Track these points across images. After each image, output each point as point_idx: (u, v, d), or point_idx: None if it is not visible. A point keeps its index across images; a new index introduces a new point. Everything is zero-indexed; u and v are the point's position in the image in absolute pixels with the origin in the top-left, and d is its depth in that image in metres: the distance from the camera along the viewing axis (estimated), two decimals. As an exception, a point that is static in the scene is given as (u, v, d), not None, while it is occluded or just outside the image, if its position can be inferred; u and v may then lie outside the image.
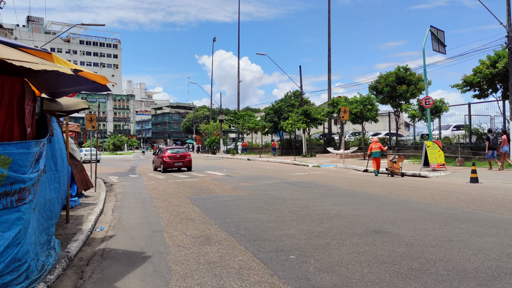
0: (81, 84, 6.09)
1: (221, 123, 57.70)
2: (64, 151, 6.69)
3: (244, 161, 36.32)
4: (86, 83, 5.85)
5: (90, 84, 5.90)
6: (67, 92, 6.67)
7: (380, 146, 19.91)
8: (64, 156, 6.69)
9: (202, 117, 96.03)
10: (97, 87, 5.97)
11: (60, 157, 6.50)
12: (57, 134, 6.51)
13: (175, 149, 26.65)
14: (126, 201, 12.60)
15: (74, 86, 6.28)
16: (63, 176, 6.62)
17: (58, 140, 6.50)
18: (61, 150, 6.57)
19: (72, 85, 6.24)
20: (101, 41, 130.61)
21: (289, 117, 37.30)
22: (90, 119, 17.47)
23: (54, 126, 6.42)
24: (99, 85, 5.78)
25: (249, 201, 11.43)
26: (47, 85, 6.33)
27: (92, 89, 6.15)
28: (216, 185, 16.19)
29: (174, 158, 24.92)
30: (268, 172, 22.43)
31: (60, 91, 6.53)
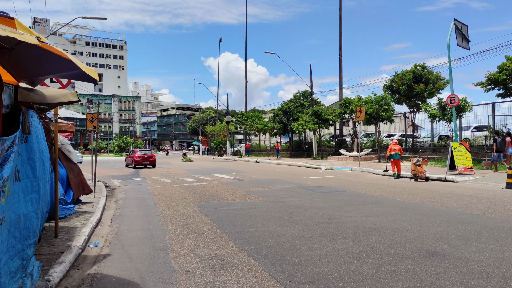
0: (66, 69, 4.81)
1: (228, 125, 56.41)
2: (46, 154, 5.39)
3: (252, 164, 35.00)
4: (71, 67, 4.57)
5: (76, 70, 4.61)
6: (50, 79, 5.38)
7: (400, 148, 18.59)
8: (46, 159, 5.40)
9: (208, 118, 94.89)
10: (84, 75, 4.69)
11: (40, 161, 5.21)
12: (37, 133, 5.22)
13: (143, 151, 34.88)
14: (128, 208, 11.31)
15: (59, 71, 5.00)
16: (44, 184, 5.33)
17: (38, 140, 5.21)
18: (41, 152, 5.29)
19: (56, 70, 4.96)
20: (107, 43, 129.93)
21: (299, 118, 35.95)
22: (91, 118, 16.27)
23: (33, 122, 5.14)
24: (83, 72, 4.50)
25: (265, 210, 10.10)
26: (25, 70, 5.05)
27: (79, 76, 4.86)
28: (226, 190, 14.87)
29: (142, 157, 32.25)
30: (280, 175, 21.09)
31: (42, 78, 5.24)
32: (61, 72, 4.88)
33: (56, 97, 5.59)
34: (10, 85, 4.72)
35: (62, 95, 5.75)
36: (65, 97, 5.78)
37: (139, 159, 31.95)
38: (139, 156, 32.12)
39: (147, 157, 32.30)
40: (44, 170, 5.36)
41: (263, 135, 42.75)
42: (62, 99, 5.72)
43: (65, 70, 4.82)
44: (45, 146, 5.41)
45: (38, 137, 5.24)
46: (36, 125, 5.24)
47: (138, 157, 32.04)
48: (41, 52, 3.97)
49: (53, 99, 5.50)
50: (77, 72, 4.59)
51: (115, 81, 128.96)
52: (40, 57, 4.56)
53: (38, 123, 5.38)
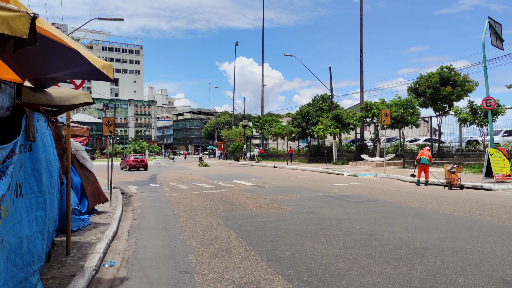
0: (77, 65, 4.04)
1: (245, 129, 55.66)
2: (54, 164, 4.62)
3: (270, 169, 34.11)
4: (82, 62, 3.79)
5: (87, 65, 3.82)
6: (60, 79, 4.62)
7: (430, 155, 17.58)
8: (55, 170, 4.63)
9: (224, 123, 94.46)
10: (98, 72, 3.91)
11: (47, 172, 4.44)
12: (44, 139, 4.46)
13: (136, 156, 39.34)
14: (145, 219, 10.53)
15: (68, 68, 4.22)
16: (51, 199, 4.56)
17: (45, 148, 4.44)
18: (49, 161, 4.52)
19: (65, 66, 4.19)
20: (123, 47, 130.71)
21: (319, 122, 34.97)
22: (107, 123, 15.65)
23: (39, 127, 4.38)
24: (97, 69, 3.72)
25: (295, 223, 9.21)
26: (29, 67, 4.29)
27: (93, 74, 4.07)
28: (248, 198, 14.02)
29: (136, 161, 37.14)
30: (302, 182, 20.17)
31: (51, 77, 4.48)
32: (71, 69, 4.10)
33: (66, 98, 4.83)
34: (11, 83, 3.96)
35: (74, 96, 4.98)
36: (77, 98, 5.01)
37: (133, 163, 36.81)
38: (133, 160, 37.10)
39: (140, 161, 37.37)
40: (52, 183, 4.59)
41: (281, 140, 41.84)
42: (74, 101, 4.95)
43: (76, 66, 4.04)
44: (53, 155, 4.64)
45: (45, 144, 4.47)
46: (43, 131, 4.47)
47: (132, 161, 37.00)
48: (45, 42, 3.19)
49: (63, 100, 4.74)
50: (89, 68, 3.80)
51: (131, 85, 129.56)
52: (45, 51, 3.79)
53: (45, 128, 4.61)
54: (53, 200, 4.69)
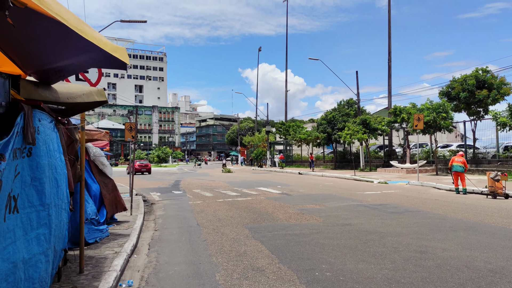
0: (82, 51, 3.31)
1: (268, 135, 54.86)
2: (61, 171, 3.91)
3: (295, 176, 33.15)
4: (89, 48, 3.05)
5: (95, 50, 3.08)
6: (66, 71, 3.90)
7: (464, 161, 16.43)
8: (62, 179, 3.92)
9: (247, 129, 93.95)
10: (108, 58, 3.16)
11: (51, 181, 3.73)
12: (48, 142, 3.76)
13: (141, 161, 45.23)
14: (168, 230, 9.81)
15: (73, 55, 3.51)
16: (58, 212, 3.85)
17: (49, 153, 3.74)
18: (54, 169, 3.81)
19: (69, 53, 3.48)
20: (147, 55, 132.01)
21: (345, 127, 33.88)
22: (130, 128, 15.11)
23: (42, 127, 3.68)
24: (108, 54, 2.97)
25: (331, 236, 8.33)
26: (29, 56, 3.59)
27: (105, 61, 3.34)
28: (276, 207, 13.18)
29: (141, 166, 42.44)
30: (331, 189, 19.19)
31: (55, 68, 3.78)
32: (77, 56, 3.39)
33: (76, 94, 4.12)
34: (3, 73, 3.25)
35: (85, 92, 4.28)
36: (88, 96, 4.30)
37: (139, 167, 41.73)
38: (138, 165, 41.90)
39: (144, 166, 43.05)
40: (59, 194, 3.88)
41: (306, 145, 40.84)
42: (85, 98, 4.24)
43: (82, 52, 3.31)
44: (60, 161, 3.94)
45: (50, 148, 3.77)
46: (47, 132, 3.77)
47: (138, 165, 41.73)
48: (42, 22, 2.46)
49: (72, 97, 4.03)
50: (99, 54, 3.06)
51: (155, 92, 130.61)
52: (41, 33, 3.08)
53: (51, 130, 3.91)
54: (60, 214, 3.97)
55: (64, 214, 4.07)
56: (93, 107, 4.81)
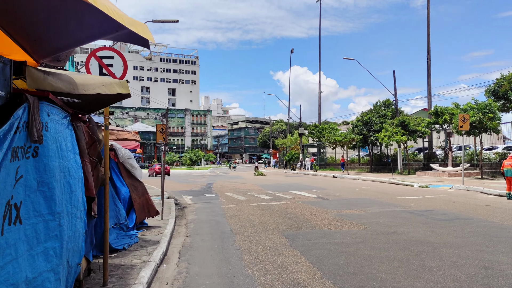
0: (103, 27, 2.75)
1: (301, 137, 53.97)
2: (76, 174, 3.38)
3: (330, 179, 32.19)
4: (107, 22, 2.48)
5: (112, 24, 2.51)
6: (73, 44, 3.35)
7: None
8: (77, 183, 3.40)
9: (279, 131, 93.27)
10: (130, 33, 2.59)
11: (63, 186, 3.20)
12: (59, 141, 3.25)
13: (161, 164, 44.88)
14: (199, 236, 9.27)
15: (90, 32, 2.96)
16: (71, 222, 3.33)
17: (60, 153, 3.23)
18: (67, 171, 3.30)
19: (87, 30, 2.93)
20: (180, 58, 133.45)
21: (382, 129, 32.66)
22: (161, 130, 14.77)
23: (51, 123, 3.16)
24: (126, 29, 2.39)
25: (377, 246, 7.55)
26: (40, 39, 3.07)
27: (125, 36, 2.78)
28: (312, 212, 12.45)
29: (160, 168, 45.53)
30: (369, 193, 18.25)
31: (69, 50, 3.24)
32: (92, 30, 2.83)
33: (94, 85, 3.59)
34: (5, 58, 2.73)
35: (105, 84, 3.74)
36: (109, 87, 3.77)
37: (159, 170, 43.28)
38: (158, 168, 43.63)
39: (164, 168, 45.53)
40: (73, 200, 3.35)
41: (342, 148, 39.73)
42: (106, 90, 3.70)
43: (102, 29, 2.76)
44: (75, 162, 3.42)
45: (62, 148, 3.25)
46: (58, 129, 3.25)
47: (158, 169, 43.86)
48: None
49: (89, 88, 3.50)
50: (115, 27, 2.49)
51: (188, 95, 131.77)
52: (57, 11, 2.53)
53: (64, 127, 3.40)
54: (75, 224, 3.45)
55: (80, 223, 3.55)
56: (115, 101, 4.28)
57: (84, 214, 3.70)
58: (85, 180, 4.40)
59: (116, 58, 5.59)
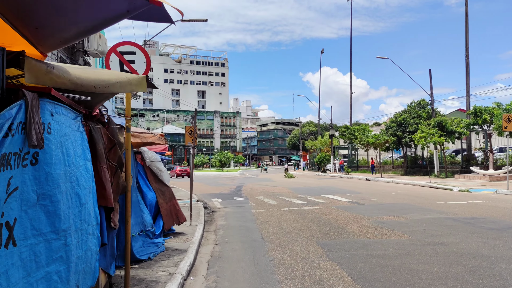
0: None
1: (332, 138, 52.91)
2: (86, 184, 2.91)
3: (362, 182, 31.20)
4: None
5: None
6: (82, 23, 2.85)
7: None
8: (87, 194, 2.92)
9: (308, 133, 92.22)
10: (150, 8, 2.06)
11: (70, 199, 2.73)
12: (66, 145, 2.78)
13: (182, 167, 50.82)
14: (229, 245, 8.75)
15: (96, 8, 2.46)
16: (81, 239, 2.86)
17: (66, 159, 2.77)
18: (75, 180, 2.83)
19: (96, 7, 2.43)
20: (209, 61, 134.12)
21: (418, 130, 31.40)
22: (190, 132, 14.39)
23: (56, 125, 2.69)
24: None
25: (425, 260, 6.83)
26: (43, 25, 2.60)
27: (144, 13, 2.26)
28: (348, 218, 11.75)
29: (181, 171, 47.97)
30: (406, 198, 17.32)
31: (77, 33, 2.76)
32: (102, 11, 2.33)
33: (108, 82, 3.10)
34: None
35: (121, 80, 3.25)
36: (124, 85, 3.27)
37: (180, 172, 47.68)
38: (179, 170, 48.07)
39: (184, 171, 48.19)
40: (82, 215, 2.87)
41: (374, 150, 38.56)
42: (119, 88, 3.21)
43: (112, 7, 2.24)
44: (85, 170, 2.95)
45: (69, 153, 2.79)
46: (65, 132, 2.79)
47: (179, 171, 47.89)
48: None
49: (103, 85, 3.01)
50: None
51: (217, 97, 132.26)
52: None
53: (73, 129, 2.94)
54: (85, 241, 2.97)
55: (92, 240, 3.07)
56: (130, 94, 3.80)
57: (97, 229, 3.23)
58: (102, 188, 3.93)
59: (138, 54, 5.13)
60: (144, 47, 5.13)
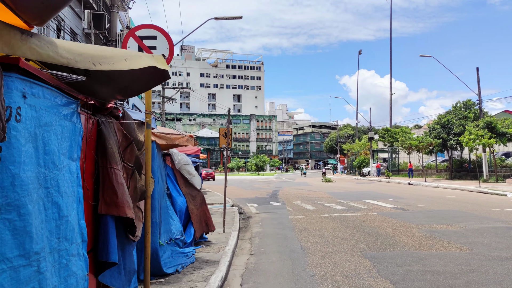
0: None
1: (371, 141, 51.21)
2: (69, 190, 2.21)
3: (405, 186, 29.67)
4: None
5: None
6: None
7: None
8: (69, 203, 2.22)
9: (346, 136, 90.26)
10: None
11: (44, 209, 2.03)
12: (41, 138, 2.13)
13: (207, 170, 51.55)
14: (265, 255, 7.96)
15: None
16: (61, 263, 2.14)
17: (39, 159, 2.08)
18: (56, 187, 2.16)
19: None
20: (245, 64, 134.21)
21: (464, 131, 29.61)
22: (224, 134, 13.78)
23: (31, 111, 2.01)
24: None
25: (495, 280, 5.81)
26: None
27: None
28: (395, 227, 10.73)
29: (207, 174, 47.89)
30: (456, 204, 15.99)
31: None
32: None
33: (112, 59, 2.40)
34: None
35: (129, 57, 2.54)
36: (135, 60, 2.56)
37: (205, 175, 46.28)
38: (205, 174, 46.25)
39: (209, 174, 49.51)
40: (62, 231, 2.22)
41: (417, 153, 36.80)
42: (130, 65, 2.51)
43: None
44: (69, 172, 2.29)
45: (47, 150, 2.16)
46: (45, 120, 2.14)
47: (204, 174, 45.55)
48: None
49: (104, 62, 2.31)
50: None
51: (253, 101, 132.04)
52: None
53: (59, 118, 2.21)
54: (67, 266, 2.30)
55: (78, 262, 2.38)
56: (149, 84, 3.10)
57: (83, 248, 2.51)
58: (113, 194, 3.26)
59: (160, 38, 4.45)
60: (166, 32, 4.44)
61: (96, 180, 3.20)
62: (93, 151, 3.16)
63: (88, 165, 3.04)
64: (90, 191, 3.08)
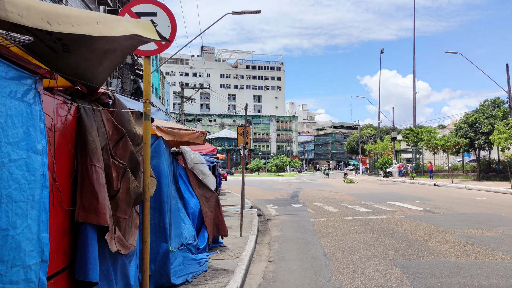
0: None
1: (394, 141, 49.88)
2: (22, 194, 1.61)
3: (431, 188, 28.54)
4: None
5: None
6: None
7: None
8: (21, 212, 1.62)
9: (368, 136, 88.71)
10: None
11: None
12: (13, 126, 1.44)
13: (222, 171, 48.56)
14: (285, 263, 7.29)
15: None
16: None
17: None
18: (3, 189, 1.45)
19: None
20: (265, 65, 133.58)
21: (494, 130, 28.28)
22: (242, 133, 13.21)
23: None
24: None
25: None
26: None
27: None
28: (426, 231, 9.92)
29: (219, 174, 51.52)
30: (488, 207, 14.99)
31: None
32: None
33: (77, 18, 1.80)
34: None
35: (102, 20, 1.94)
36: (109, 25, 1.96)
37: None
38: None
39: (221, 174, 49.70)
40: (5, 251, 1.52)
41: (444, 153, 35.51)
42: (102, 30, 1.90)
43: None
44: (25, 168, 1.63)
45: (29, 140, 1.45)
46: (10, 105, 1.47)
47: None
48: None
49: (63, 22, 1.72)
50: None
51: (273, 101, 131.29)
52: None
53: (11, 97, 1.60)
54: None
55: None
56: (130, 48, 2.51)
57: (41, 270, 1.90)
58: (93, 198, 2.66)
59: (160, 15, 3.85)
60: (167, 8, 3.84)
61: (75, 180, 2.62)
62: (71, 144, 2.58)
63: (62, 161, 2.46)
64: (66, 194, 2.50)
